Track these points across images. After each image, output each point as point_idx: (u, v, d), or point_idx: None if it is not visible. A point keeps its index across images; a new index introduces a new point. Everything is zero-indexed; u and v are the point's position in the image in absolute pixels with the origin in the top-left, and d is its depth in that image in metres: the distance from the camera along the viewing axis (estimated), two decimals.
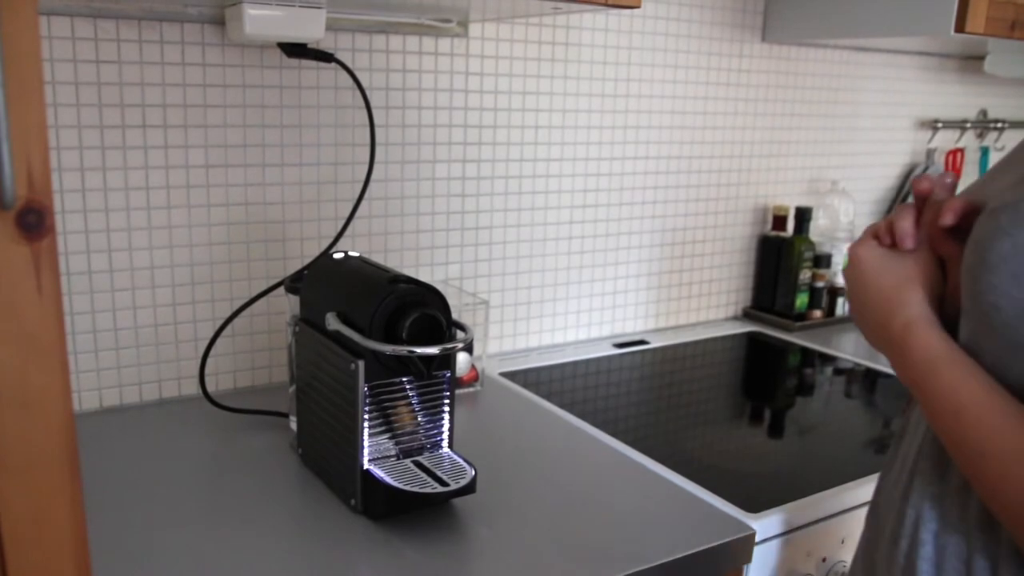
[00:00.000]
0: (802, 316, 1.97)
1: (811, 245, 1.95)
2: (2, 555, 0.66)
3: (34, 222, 0.62)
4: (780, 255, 1.96)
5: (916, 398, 0.74)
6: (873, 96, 2.11)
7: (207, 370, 1.30)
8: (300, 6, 1.21)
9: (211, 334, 1.30)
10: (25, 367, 0.64)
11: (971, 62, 2.26)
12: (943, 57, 2.20)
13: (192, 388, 1.39)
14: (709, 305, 1.96)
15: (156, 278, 1.33)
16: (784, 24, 1.83)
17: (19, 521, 0.66)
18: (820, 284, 1.96)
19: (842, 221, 2.04)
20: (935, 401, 0.70)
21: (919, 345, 0.72)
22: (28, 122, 0.60)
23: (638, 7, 1.14)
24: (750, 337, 1.89)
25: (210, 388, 1.37)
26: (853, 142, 2.11)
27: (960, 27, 1.50)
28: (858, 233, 2.08)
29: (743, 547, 1.05)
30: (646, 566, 0.97)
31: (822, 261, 1.96)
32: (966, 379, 0.68)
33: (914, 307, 0.75)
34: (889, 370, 1.66)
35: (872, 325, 0.79)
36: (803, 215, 1.93)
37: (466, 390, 1.46)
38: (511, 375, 1.56)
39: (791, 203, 1.99)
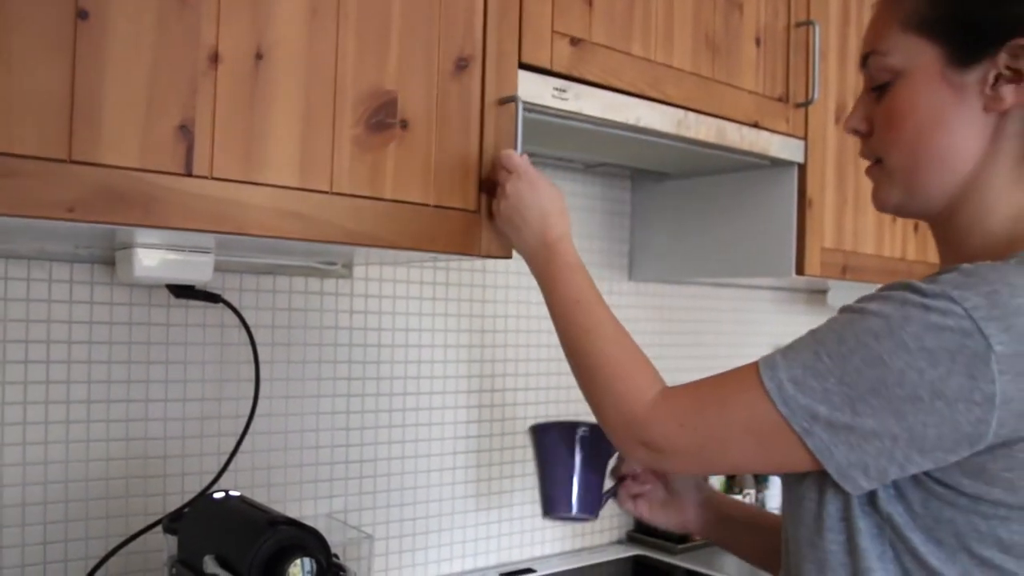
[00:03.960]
0: (684, 538, 2.00)
1: None
2: None
3: None
4: None
5: (544, 289, 1.08)
6: (732, 326, 2.26)
7: None
8: (190, 251, 1.27)
9: (83, 575, 1.26)
10: None
11: (816, 295, 2.47)
12: (792, 291, 2.39)
13: None
14: (594, 530, 1.99)
15: (27, 516, 1.29)
16: (647, 264, 1.99)
17: None
18: None
19: None
20: (566, 291, 1.05)
21: (566, 251, 1.08)
22: None
23: (510, 258, 1.23)
24: (635, 560, 1.91)
25: None
26: (717, 368, 2.23)
27: (800, 270, 1.67)
28: None
29: None
30: None
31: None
32: (589, 282, 1.06)
33: (564, 227, 1.10)
34: None
35: (527, 234, 1.10)
36: None
37: None
38: None
39: None
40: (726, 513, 1.11)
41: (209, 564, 1.02)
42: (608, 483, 1.12)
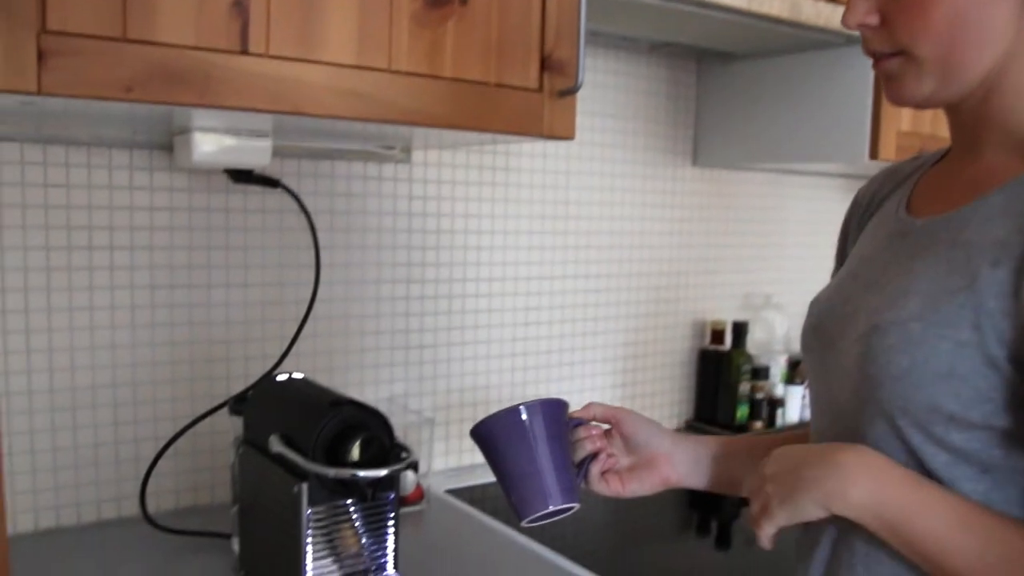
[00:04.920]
0: (743, 427, 2.00)
1: (749, 358, 2.00)
2: None
3: None
4: (719, 368, 2.01)
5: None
6: (800, 214, 2.21)
7: (148, 489, 1.29)
8: (247, 135, 1.25)
9: (153, 454, 1.29)
10: None
11: None
12: (862, 178, 2.31)
13: (132, 509, 1.37)
14: (653, 417, 1.99)
15: (98, 397, 1.33)
16: (712, 150, 1.93)
17: None
18: (759, 395, 2.01)
19: (777, 334, 2.10)
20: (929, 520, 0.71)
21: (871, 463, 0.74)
22: None
23: (573, 138, 1.20)
24: None
25: (151, 507, 1.35)
26: (783, 258, 2.20)
27: (874, 154, 1.60)
28: (793, 345, 2.14)
29: None
30: None
31: (760, 373, 2.01)
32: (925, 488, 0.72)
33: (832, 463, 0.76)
34: None
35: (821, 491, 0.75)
36: (740, 329, 1.99)
37: (411, 509, 1.46)
38: (457, 492, 1.56)
39: (728, 318, 2.05)
40: (710, 453, 0.97)
41: (274, 443, 1.03)
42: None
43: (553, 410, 0.91)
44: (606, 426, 0.97)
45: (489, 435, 0.90)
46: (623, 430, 0.96)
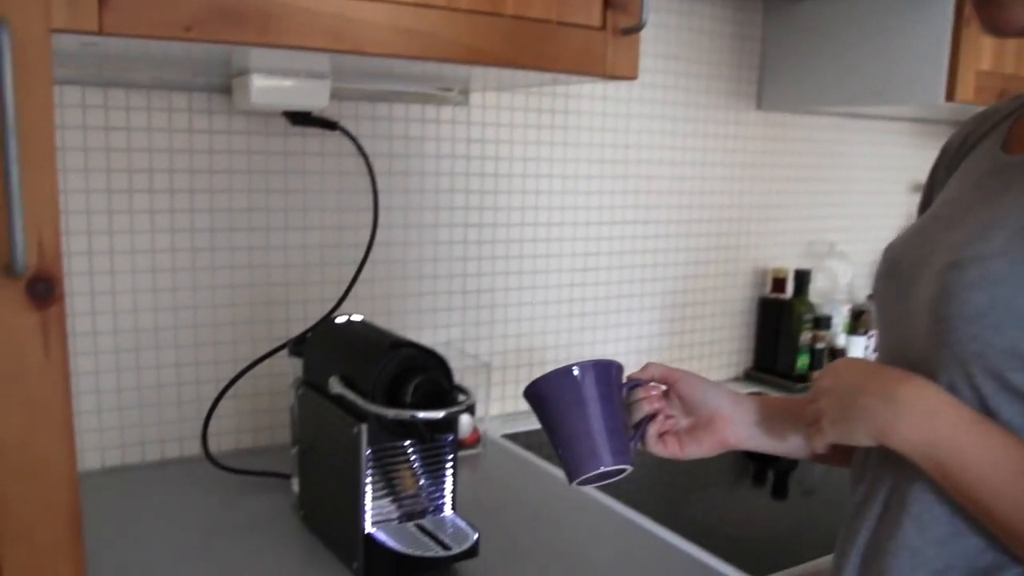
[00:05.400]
0: (803, 377, 1.97)
1: (811, 307, 1.96)
2: None
3: (43, 291, 0.63)
4: (780, 317, 1.98)
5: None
6: (867, 160, 2.14)
7: (209, 430, 1.31)
8: (306, 76, 1.24)
9: (214, 395, 1.31)
10: (31, 433, 0.65)
11: None
12: (934, 123, 2.23)
13: (194, 448, 1.39)
14: (711, 366, 1.97)
15: (160, 339, 1.34)
16: (777, 93, 1.87)
17: None
18: (821, 345, 1.97)
19: (841, 283, 2.06)
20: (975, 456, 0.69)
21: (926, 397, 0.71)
22: (40, 195, 0.62)
23: (635, 78, 1.16)
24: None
25: (212, 448, 1.38)
26: (849, 205, 2.14)
27: (950, 95, 1.53)
28: (857, 294, 2.09)
29: None
30: None
31: (822, 323, 1.97)
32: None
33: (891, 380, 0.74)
34: None
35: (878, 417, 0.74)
36: (802, 277, 1.95)
37: (468, 452, 1.46)
38: (513, 437, 1.56)
39: (790, 265, 2.01)
40: (770, 414, 0.93)
41: (334, 384, 1.03)
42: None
43: (606, 371, 0.89)
44: (664, 387, 0.94)
45: (541, 395, 0.89)
46: (681, 391, 0.93)
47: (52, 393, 0.65)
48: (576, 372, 0.88)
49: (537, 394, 0.89)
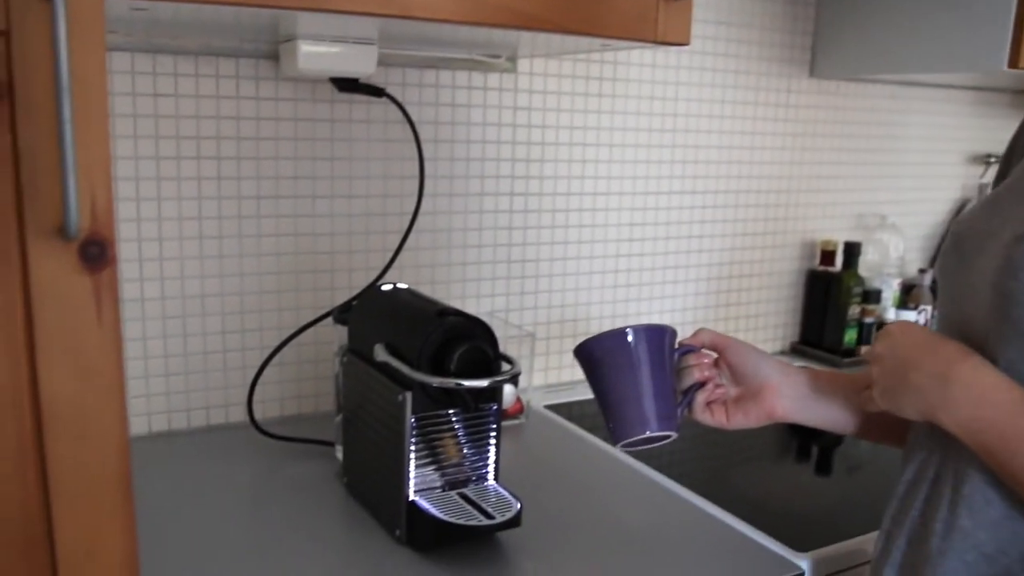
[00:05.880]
0: (850, 352, 1.94)
1: (860, 280, 1.92)
2: None
3: (96, 254, 0.63)
4: (828, 290, 1.94)
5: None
6: (922, 131, 2.09)
7: (254, 397, 1.32)
8: (353, 42, 1.23)
9: (259, 362, 1.32)
10: (83, 396, 0.65)
11: (1022, 96, 2.23)
12: (994, 91, 2.17)
13: (239, 415, 1.40)
14: (756, 340, 1.95)
15: (206, 306, 1.35)
16: (832, 60, 1.83)
17: (73, 546, 0.67)
18: (869, 320, 1.94)
19: (891, 256, 2.02)
20: None
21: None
22: (93, 157, 0.61)
23: (687, 44, 1.14)
24: None
25: (257, 415, 1.39)
26: (902, 177, 2.09)
27: (1014, 62, 1.48)
28: (908, 268, 2.05)
29: None
30: None
31: (871, 297, 1.93)
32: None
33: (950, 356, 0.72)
34: None
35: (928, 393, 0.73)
36: (852, 250, 1.92)
37: (511, 422, 1.46)
38: (556, 408, 1.55)
39: (839, 238, 1.97)
40: (819, 387, 0.92)
41: (379, 352, 1.03)
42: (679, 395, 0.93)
43: (659, 336, 0.89)
44: (714, 354, 0.93)
45: (593, 355, 0.89)
46: (730, 359, 0.92)
47: (104, 357, 0.65)
48: (630, 335, 0.87)
49: (588, 354, 0.89)
